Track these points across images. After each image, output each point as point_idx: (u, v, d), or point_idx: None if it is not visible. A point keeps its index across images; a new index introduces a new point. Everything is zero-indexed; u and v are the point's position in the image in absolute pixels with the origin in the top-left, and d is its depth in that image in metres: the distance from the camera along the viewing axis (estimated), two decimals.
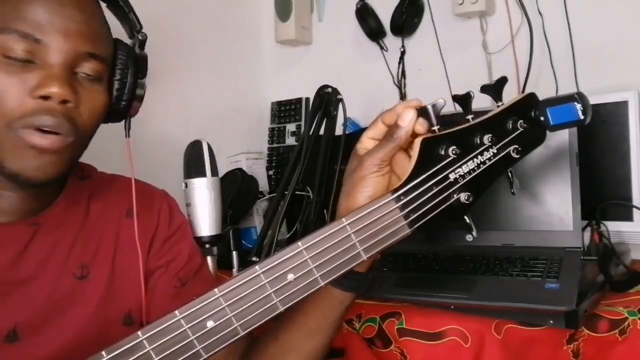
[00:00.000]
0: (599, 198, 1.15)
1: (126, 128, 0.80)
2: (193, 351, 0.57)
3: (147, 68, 0.78)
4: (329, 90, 1.38)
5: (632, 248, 1.16)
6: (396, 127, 0.64)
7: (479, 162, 0.64)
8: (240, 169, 1.54)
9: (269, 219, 1.36)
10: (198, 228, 1.07)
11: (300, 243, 0.60)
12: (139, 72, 0.77)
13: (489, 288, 0.94)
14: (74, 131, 0.67)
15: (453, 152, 0.63)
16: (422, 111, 0.64)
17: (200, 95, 1.66)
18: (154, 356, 0.56)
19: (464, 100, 0.65)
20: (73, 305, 0.73)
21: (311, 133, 1.39)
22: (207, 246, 1.07)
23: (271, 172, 1.76)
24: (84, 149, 0.73)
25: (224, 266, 1.19)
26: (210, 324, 0.57)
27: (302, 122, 1.74)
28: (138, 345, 0.56)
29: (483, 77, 1.52)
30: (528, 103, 0.66)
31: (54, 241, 0.74)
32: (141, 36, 0.77)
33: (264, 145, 1.81)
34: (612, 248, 1.07)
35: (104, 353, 0.55)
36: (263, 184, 1.64)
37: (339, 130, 1.38)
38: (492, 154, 0.65)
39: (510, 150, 0.65)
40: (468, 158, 0.64)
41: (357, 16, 1.69)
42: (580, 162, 1.07)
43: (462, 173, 0.64)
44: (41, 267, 0.72)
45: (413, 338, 0.88)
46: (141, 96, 0.78)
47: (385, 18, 1.66)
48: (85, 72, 0.68)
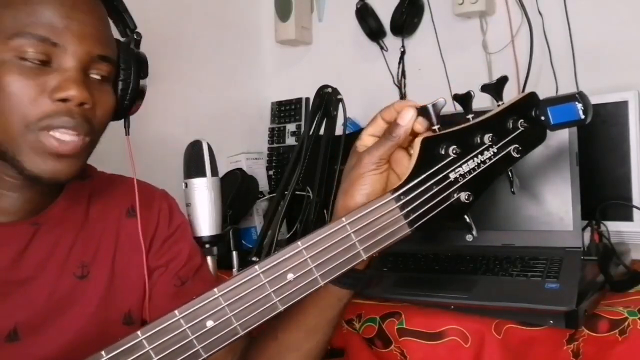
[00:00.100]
0: (599, 198, 1.15)
1: (126, 126, 0.81)
2: (192, 351, 0.57)
3: (148, 68, 0.80)
4: (329, 90, 1.38)
5: (632, 248, 1.16)
6: (395, 126, 0.64)
7: (479, 162, 0.64)
8: (240, 169, 1.54)
9: (269, 219, 1.36)
10: (198, 228, 1.07)
11: (299, 243, 0.60)
12: (141, 72, 0.78)
13: (489, 288, 0.94)
14: (91, 131, 0.70)
15: (453, 152, 0.63)
16: (423, 110, 0.64)
17: (200, 95, 1.66)
18: (154, 356, 0.56)
19: (465, 99, 0.65)
20: (73, 304, 0.74)
21: (311, 133, 1.39)
22: (207, 246, 1.07)
23: (271, 172, 1.76)
24: (94, 148, 0.75)
25: (224, 266, 1.19)
26: (209, 324, 0.57)
27: (302, 122, 1.74)
28: (137, 344, 0.56)
29: (483, 77, 1.52)
30: (529, 102, 0.66)
31: (54, 241, 0.74)
32: (136, 35, 0.79)
33: (264, 145, 1.81)
34: (612, 248, 1.07)
35: (104, 353, 0.55)
36: (263, 184, 1.64)
37: (339, 130, 1.38)
38: (493, 154, 0.65)
39: (510, 149, 0.65)
40: (468, 157, 0.64)
41: (357, 16, 1.69)
42: (580, 162, 1.07)
43: (463, 172, 0.64)
44: (41, 267, 0.72)
45: (413, 338, 0.88)
46: (142, 95, 0.80)
47: (385, 18, 1.66)
48: (96, 74, 0.70)
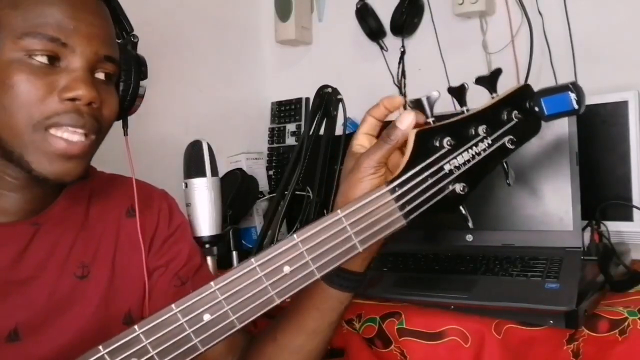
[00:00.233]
0: (599, 198, 1.15)
1: (124, 126, 0.82)
2: (190, 345, 0.57)
3: (148, 70, 0.81)
4: (329, 90, 1.38)
5: (632, 248, 1.16)
6: (394, 129, 0.64)
7: (474, 153, 0.64)
8: (240, 169, 1.55)
9: (269, 219, 1.36)
10: (198, 228, 1.07)
11: (295, 236, 0.60)
12: (141, 73, 0.79)
13: (489, 288, 0.94)
14: (98, 130, 0.71)
15: (448, 144, 0.63)
16: (417, 103, 0.64)
17: (200, 95, 1.66)
18: (151, 350, 0.56)
19: (459, 92, 0.66)
20: (73, 304, 0.74)
21: (311, 133, 1.39)
22: (207, 246, 1.07)
23: (271, 172, 1.76)
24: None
25: (224, 266, 1.19)
26: (206, 317, 0.57)
27: (302, 122, 1.74)
28: (135, 339, 0.56)
29: None
30: (522, 94, 0.66)
31: (55, 241, 0.74)
32: (133, 38, 0.80)
33: (264, 145, 1.81)
34: (612, 248, 1.06)
35: (101, 348, 0.55)
36: (263, 184, 1.64)
37: (339, 130, 1.38)
38: (487, 145, 0.65)
39: (505, 141, 0.65)
40: (463, 149, 0.64)
41: (357, 16, 1.69)
42: (580, 162, 1.06)
43: (457, 164, 0.64)
44: (42, 267, 0.72)
45: (413, 338, 0.88)
46: (142, 96, 0.80)
47: (385, 18, 1.66)
48: (101, 74, 0.71)
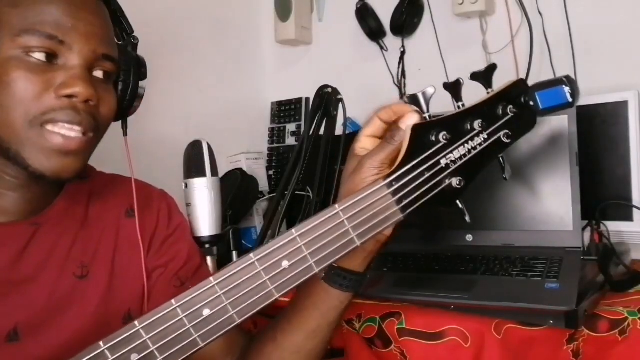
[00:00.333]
0: (599, 198, 1.15)
1: (123, 127, 0.82)
2: (190, 339, 0.57)
3: (147, 70, 0.81)
4: (329, 90, 1.38)
5: (632, 248, 1.16)
6: (397, 130, 0.65)
7: (470, 148, 0.65)
8: (240, 169, 1.55)
9: (269, 219, 1.36)
10: (198, 228, 1.07)
11: (294, 230, 0.60)
12: (140, 74, 0.79)
13: (489, 288, 0.94)
14: (96, 128, 0.71)
15: (444, 138, 0.63)
16: (413, 99, 0.65)
17: (200, 95, 1.66)
18: (151, 345, 0.56)
19: (454, 87, 0.66)
20: (73, 304, 0.73)
21: (311, 133, 1.39)
22: (207, 246, 1.07)
23: (271, 172, 1.76)
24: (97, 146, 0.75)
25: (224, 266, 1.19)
26: (206, 312, 0.57)
27: (302, 122, 1.74)
28: (135, 334, 0.56)
29: None
30: (517, 89, 0.67)
31: (54, 241, 0.74)
32: (133, 39, 0.80)
33: (264, 145, 1.81)
34: (612, 248, 1.07)
35: (102, 343, 0.56)
36: (263, 184, 1.64)
37: (339, 130, 1.38)
38: (483, 139, 0.65)
39: (500, 135, 0.66)
40: (459, 143, 0.65)
41: (357, 16, 1.69)
42: (580, 162, 1.06)
43: (454, 158, 0.64)
44: (41, 267, 0.72)
45: (413, 338, 0.88)
46: (141, 96, 0.80)
47: (385, 18, 1.66)
48: (100, 73, 0.71)
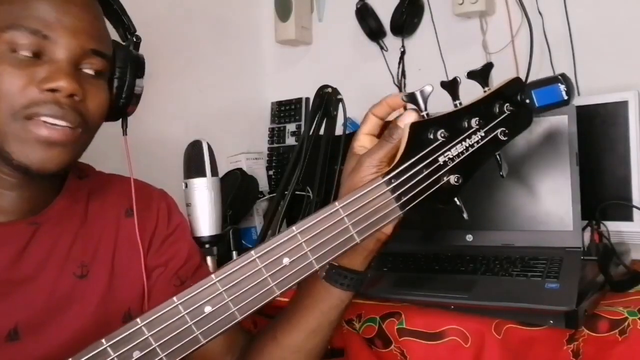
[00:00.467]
0: (599, 198, 1.15)
1: (123, 126, 0.81)
2: (192, 337, 0.57)
3: (145, 68, 0.81)
4: (329, 90, 1.38)
5: (632, 248, 1.16)
6: (395, 128, 0.65)
7: (468, 145, 0.66)
8: (240, 169, 1.55)
9: (269, 219, 1.36)
10: (198, 228, 1.07)
11: (294, 227, 0.61)
12: (137, 72, 0.79)
13: (489, 288, 0.94)
14: (83, 123, 0.70)
15: (442, 136, 0.64)
16: (411, 97, 0.65)
17: (200, 95, 1.66)
18: (153, 342, 0.56)
19: (451, 86, 0.67)
20: (73, 304, 0.74)
21: (311, 133, 1.39)
22: (207, 246, 1.07)
23: (271, 172, 1.76)
24: (89, 144, 0.75)
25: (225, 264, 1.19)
26: (207, 309, 0.58)
27: (302, 122, 1.74)
28: (137, 332, 0.56)
29: None
30: (514, 87, 0.68)
31: (54, 240, 0.74)
32: (136, 38, 0.80)
33: (264, 145, 1.81)
34: (612, 248, 1.07)
35: (104, 341, 0.56)
36: (263, 184, 1.64)
37: (339, 130, 1.38)
38: (480, 137, 0.66)
39: (497, 132, 0.67)
40: (456, 141, 0.65)
41: (357, 16, 1.69)
42: (580, 162, 1.06)
43: (451, 156, 0.65)
44: (41, 266, 0.72)
45: (413, 338, 0.88)
46: (139, 95, 0.80)
47: (385, 18, 1.66)
48: (89, 69, 0.71)
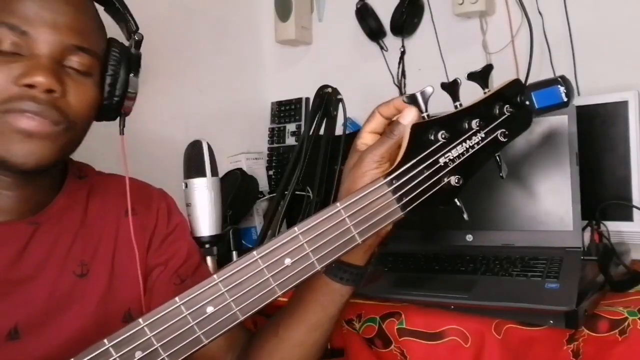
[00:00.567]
0: (599, 198, 1.15)
1: (120, 125, 0.80)
2: (194, 337, 0.58)
3: (140, 66, 0.79)
4: (329, 90, 1.38)
5: (632, 248, 1.16)
6: (397, 124, 0.66)
7: (468, 146, 0.66)
8: (240, 169, 1.55)
9: (269, 219, 1.36)
10: (198, 228, 1.07)
11: (296, 228, 0.61)
12: (132, 69, 0.77)
13: (489, 288, 0.94)
14: (63, 119, 0.68)
15: (442, 137, 0.65)
16: (411, 98, 0.66)
17: (200, 95, 1.66)
18: (155, 342, 0.57)
19: (452, 87, 0.67)
20: (73, 303, 0.74)
21: (311, 133, 1.39)
22: (207, 246, 1.07)
23: (271, 172, 1.76)
24: (78, 142, 0.74)
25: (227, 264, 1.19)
26: (210, 310, 0.58)
27: (302, 122, 1.74)
28: (139, 332, 0.57)
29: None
30: (513, 89, 0.68)
31: (54, 240, 0.74)
32: (137, 36, 0.78)
33: (264, 145, 1.81)
34: (612, 248, 1.06)
35: (106, 341, 0.56)
36: (263, 184, 1.64)
37: (339, 130, 1.38)
38: (480, 138, 0.67)
39: (497, 134, 0.67)
40: (457, 142, 0.66)
41: (357, 16, 1.69)
42: (580, 162, 1.06)
43: (452, 157, 0.66)
44: (41, 266, 0.72)
45: (413, 338, 0.88)
46: (134, 93, 0.78)
47: (385, 18, 1.66)
48: (73, 65, 0.69)
